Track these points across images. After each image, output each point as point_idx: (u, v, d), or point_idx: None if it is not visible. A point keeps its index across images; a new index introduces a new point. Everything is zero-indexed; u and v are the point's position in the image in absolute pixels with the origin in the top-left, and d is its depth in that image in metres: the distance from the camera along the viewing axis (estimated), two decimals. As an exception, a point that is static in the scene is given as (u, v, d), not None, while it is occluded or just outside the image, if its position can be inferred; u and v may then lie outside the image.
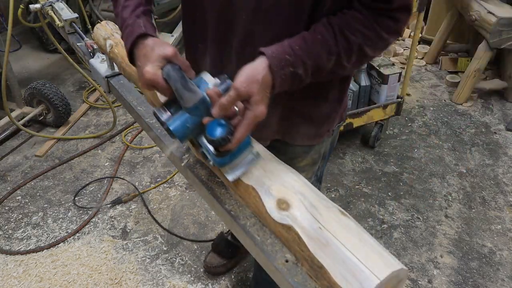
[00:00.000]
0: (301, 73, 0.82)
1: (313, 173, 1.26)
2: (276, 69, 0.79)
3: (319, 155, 1.23)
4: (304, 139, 1.13)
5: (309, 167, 1.23)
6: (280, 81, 0.80)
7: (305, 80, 0.85)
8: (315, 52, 0.82)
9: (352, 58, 0.86)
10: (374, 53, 0.89)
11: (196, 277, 1.91)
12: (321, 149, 1.22)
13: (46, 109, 2.80)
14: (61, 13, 1.80)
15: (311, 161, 1.22)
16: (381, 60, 2.57)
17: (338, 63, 0.85)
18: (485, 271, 1.95)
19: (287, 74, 0.80)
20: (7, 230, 2.13)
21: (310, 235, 0.65)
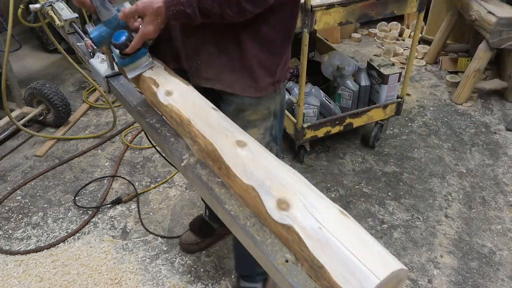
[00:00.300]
0: (189, 12, 1.07)
1: (265, 129, 1.38)
2: (169, 5, 1.05)
3: (268, 111, 1.36)
4: (245, 89, 1.28)
5: (260, 122, 1.36)
6: (172, 15, 1.06)
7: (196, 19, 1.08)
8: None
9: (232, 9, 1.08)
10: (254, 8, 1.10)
11: (196, 277, 1.91)
12: (270, 106, 1.35)
13: (46, 109, 2.80)
14: (61, 13, 1.79)
15: (260, 116, 1.35)
16: (381, 60, 2.57)
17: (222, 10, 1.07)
18: (485, 271, 1.95)
19: (178, 10, 1.06)
20: (7, 230, 2.14)
21: (310, 235, 0.65)
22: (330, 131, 2.46)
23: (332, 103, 2.51)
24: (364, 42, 4.06)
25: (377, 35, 4.06)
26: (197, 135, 0.91)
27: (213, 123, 0.92)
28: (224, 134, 0.89)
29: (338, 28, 3.90)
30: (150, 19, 1.06)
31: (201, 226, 2.02)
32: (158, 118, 1.13)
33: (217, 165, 0.85)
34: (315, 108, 2.40)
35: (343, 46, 3.94)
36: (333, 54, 2.80)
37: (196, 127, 0.92)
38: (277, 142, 1.48)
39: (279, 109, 1.41)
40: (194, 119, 0.94)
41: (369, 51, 3.87)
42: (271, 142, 1.43)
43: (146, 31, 1.06)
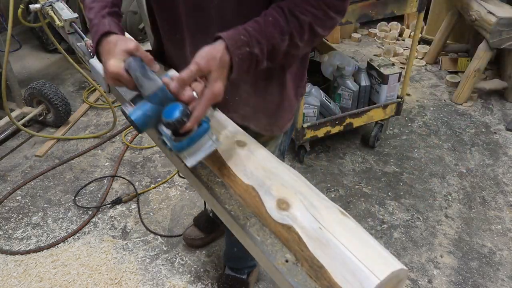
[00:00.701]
0: (257, 53, 0.86)
1: (276, 147, 1.33)
2: (233, 49, 0.82)
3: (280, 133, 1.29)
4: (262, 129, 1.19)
5: (272, 142, 1.30)
6: (238, 60, 0.83)
7: (262, 61, 0.88)
8: (268, 32, 0.86)
9: (304, 37, 0.91)
10: (324, 31, 0.94)
11: (196, 277, 1.91)
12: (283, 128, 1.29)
13: (46, 109, 2.81)
14: (61, 13, 1.80)
15: (273, 137, 1.29)
16: (381, 60, 2.57)
17: (291, 42, 0.90)
18: (485, 271, 1.95)
19: (244, 53, 0.84)
20: (7, 230, 2.14)
21: (310, 235, 0.65)
22: (330, 131, 2.46)
23: (332, 103, 2.51)
24: (364, 42, 4.06)
25: (377, 35, 4.06)
26: (197, 135, 0.91)
27: (213, 123, 0.92)
28: (224, 134, 0.89)
29: (338, 28, 3.90)
30: (217, 75, 0.81)
31: (205, 221, 2.04)
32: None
33: (217, 165, 0.85)
34: (315, 108, 2.40)
35: (343, 46, 3.94)
36: (333, 54, 2.80)
37: (196, 127, 0.92)
38: (284, 155, 1.45)
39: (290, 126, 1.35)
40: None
41: (369, 51, 3.87)
42: (279, 157, 1.38)
43: (216, 90, 0.80)
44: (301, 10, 0.88)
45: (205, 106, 0.79)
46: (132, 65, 0.83)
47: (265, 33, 0.86)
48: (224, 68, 0.82)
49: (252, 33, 0.85)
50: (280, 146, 1.37)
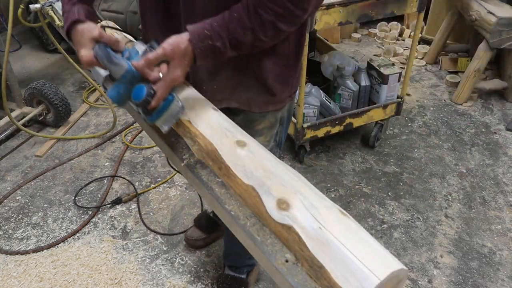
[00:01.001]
0: (219, 46, 0.95)
1: (271, 137, 1.37)
2: (195, 42, 0.93)
3: (275, 119, 1.33)
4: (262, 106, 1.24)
5: (267, 130, 1.34)
6: (200, 52, 0.94)
7: (225, 53, 0.97)
8: (231, 28, 0.94)
9: (267, 33, 0.97)
10: (289, 27, 1.00)
11: (196, 277, 1.91)
12: (278, 114, 1.32)
13: (46, 109, 2.81)
14: (61, 13, 1.80)
15: (268, 124, 1.32)
16: (381, 60, 2.57)
17: (255, 37, 0.97)
18: (485, 271, 1.95)
19: (206, 46, 0.94)
20: (7, 230, 2.14)
21: (310, 235, 0.65)
22: (330, 131, 2.46)
23: (332, 103, 2.51)
24: (364, 42, 4.06)
25: (377, 35, 4.06)
26: (197, 135, 0.91)
27: (213, 123, 0.92)
28: (224, 134, 0.89)
29: (338, 28, 3.90)
30: (178, 62, 0.93)
31: (206, 222, 2.04)
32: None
33: (217, 165, 0.85)
34: (315, 108, 2.40)
35: (343, 46, 3.94)
36: (333, 54, 2.80)
37: (196, 127, 0.92)
38: (280, 146, 1.48)
39: (286, 116, 1.39)
40: (194, 119, 0.94)
41: (369, 51, 3.87)
42: (275, 148, 1.44)
43: (175, 76, 0.92)
44: (265, 8, 0.93)
45: (165, 88, 0.91)
46: (98, 53, 0.93)
47: (228, 28, 0.94)
48: (185, 56, 0.93)
49: (216, 28, 0.94)
50: (275, 136, 1.39)
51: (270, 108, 1.27)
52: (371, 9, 2.12)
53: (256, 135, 1.33)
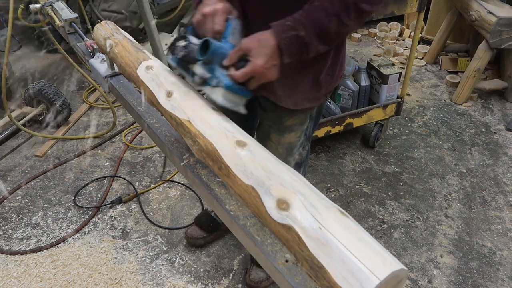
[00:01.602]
0: (303, 35, 0.96)
1: (302, 132, 1.41)
2: (278, 33, 0.95)
3: (305, 116, 1.37)
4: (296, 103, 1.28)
5: (297, 127, 1.38)
6: (285, 43, 0.96)
7: (311, 43, 0.98)
8: (314, 15, 0.96)
9: (351, 15, 0.98)
10: (372, 7, 1.00)
11: (196, 277, 1.91)
12: (308, 111, 1.36)
13: (46, 109, 2.81)
14: (61, 13, 1.80)
15: (298, 121, 1.36)
16: (381, 60, 2.57)
17: (339, 22, 0.97)
18: (485, 271, 1.95)
19: (291, 37, 0.95)
20: (7, 230, 2.14)
21: (310, 235, 0.65)
22: (330, 131, 2.46)
23: (332, 103, 2.51)
24: (364, 42, 4.06)
25: (377, 35, 4.06)
26: (197, 135, 0.91)
27: (213, 123, 0.92)
28: (224, 134, 0.89)
29: (338, 28, 3.90)
30: (256, 52, 0.96)
31: (207, 221, 2.04)
32: (158, 118, 1.13)
33: (217, 165, 0.85)
34: (315, 108, 2.40)
35: (343, 46, 3.94)
36: (333, 54, 2.80)
37: (196, 127, 0.92)
38: (310, 140, 1.52)
39: (316, 111, 1.41)
40: (194, 119, 0.94)
41: (369, 51, 3.87)
42: (305, 141, 1.47)
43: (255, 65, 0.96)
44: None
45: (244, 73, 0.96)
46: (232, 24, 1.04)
47: (311, 17, 0.95)
48: (265, 47, 0.96)
49: (298, 19, 0.96)
50: (306, 131, 1.42)
51: (305, 105, 1.29)
52: (371, 9, 2.12)
53: (287, 131, 1.38)
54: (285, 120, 1.34)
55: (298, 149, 1.47)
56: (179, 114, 0.97)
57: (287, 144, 1.43)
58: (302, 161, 1.53)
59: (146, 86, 1.10)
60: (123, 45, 1.26)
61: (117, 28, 1.34)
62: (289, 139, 1.41)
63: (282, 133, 1.38)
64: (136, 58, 1.19)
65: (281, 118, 1.34)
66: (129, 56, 1.21)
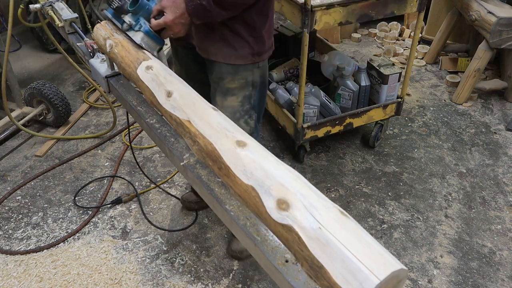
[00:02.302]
0: (204, 4, 1.26)
1: (244, 98, 1.57)
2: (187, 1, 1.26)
3: (245, 81, 1.54)
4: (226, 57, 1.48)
5: (238, 91, 1.55)
6: (191, 9, 1.27)
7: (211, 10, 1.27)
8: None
9: None
10: None
11: (196, 277, 1.91)
12: (247, 76, 1.53)
13: (46, 109, 2.81)
14: (61, 13, 1.80)
15: (238, 85, 1.54)
16: (381, 60, 2.57)
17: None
18: (485, 271, 1.95)
19: (195, 4, 1.26)
20: (7, 230, 2.14)
21: (310, 235, 0.65)
22: (330, 131, 2.46)
23: (332, 103, 2.51)
24: (364, 42, 4.06)
25: (377, 35, 4.06)
26: (197, 135, 0.91)
27: (213, 123, 0.92)
28: (224, 134, 0.89)
29: (338, 28, 3.90)
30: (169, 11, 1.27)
31: None
32: (158, 118, 1.13)
33: (217, 165, 0.85)
34: (315, 108, 2.40)
35: (343, 46, 3.94)
36: (333, 54, 2.80)
37: (196, 127, 0.92)
38: (256, 110, 1.65)
39: (259, 80, 1.58)
40: (194, 119, 0.94)
41: (369, 51, 3.87)
42: (250, 110, 1.62)
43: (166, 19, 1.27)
44: None
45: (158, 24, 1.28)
46: None
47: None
48: (176, 8, 1.26)
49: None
50: (249, 99, 1.59)
51: (233, 60, 1.48)
52: (371, 9, 2.12)
53: (228, 94, 1.56)
54: (226, 83, 1.53)
55: (243, 116, 1.61)
56: (179, 114, 0.97)
57: (229, 108, 1.58)
58: (250, 132, 1.65)
59: (146, 86, 1.10)
60: (123, 45, 1.26)
61: (116, 28, 1.34)
62: (231, 103, 1.57)
63: (225, 95, 1.56)
64: (136, 58, 1.19)
65: (223, 80, 1.53)
66: (129, 56, 1.21)
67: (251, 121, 1.65)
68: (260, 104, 1.67)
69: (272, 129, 2.83)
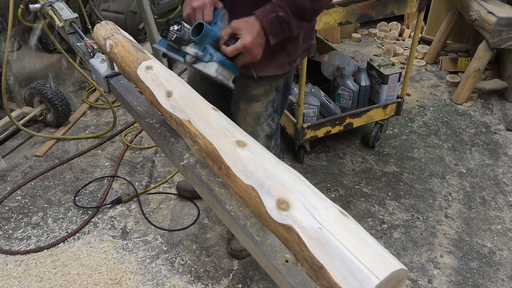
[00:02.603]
0: (282, 15, 1.15)
1: (268, 103, 1.55)
2: (260, 16, 1.15)
3: (270, 87, 1.51)
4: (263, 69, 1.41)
5: (263, 97, 1.52)
6: (268, 24, 1.15)
7: (290, 21, 1.17)
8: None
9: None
10: None
11: (196, 277, 1.91)
12: (273, 82, 1.51)
13: (46, 109, 2.81)
14: (61, 13, 1.80)
15: (263, 91, 1.50)
16: (381, 60, 2.57)
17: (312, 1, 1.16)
18: (485, 271, 1.95)
19: (271, 18, 1.15)
20: (7, 230, 2.14)
21: (310, 235, 0.65)
22: (330, 131, 2.46)
23: (332, 103, 2.51)
24: (364, 42, 4.06)
25: (377, 35, 4.06)
26: (197, 135, 0.91)
27: (213, 123, 0.92)
28: (224, 134, 0.89)
29: (338, 28, 3.91)
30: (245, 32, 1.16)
31: None
32: (158, 118, 1.13)
33: (217, 165, 0.85)
34: (315, 108, 2.40)
35: (343, 46, 3.94)
36: (333, 54, 2.80)
37: (196, 127, 0.92)
38: (279, 113, 1.64)
39: (282, 84, 1.56)
40: (194, 119, 0.94)
41: (369, 51, 3.87)
42: (273, 113, 1.60)
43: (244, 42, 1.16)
44: None
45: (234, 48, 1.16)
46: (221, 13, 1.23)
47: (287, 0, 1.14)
48: (252, 27, 1.15)
49: (276, 3, 1.15)
50: (273, 103, 1.56)
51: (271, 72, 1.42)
52: (371, 9, 2.13)
53: (253, 100, 1.53)
54: (251, 90, 1.49)
55: (266, 120, 1.60)
56: (179, 114, 0.97)
57: (254, 114, 1.56)
58: (272, 133, 1.65)
59: (146, 86, 1.10)
60: (123, 45, 1.26)
61: (117, 28, 1.34)
62: (256, 109, 1.55)
63: (249, 102, 1.53)
64: (136, 58, 1.19)
65: (248, 88, 1.48)
66: (129, 56, 1.21)
67: (273, 124, 1.63)
68: (282, 106, 1.64)
69: (272, 129, 2.83)
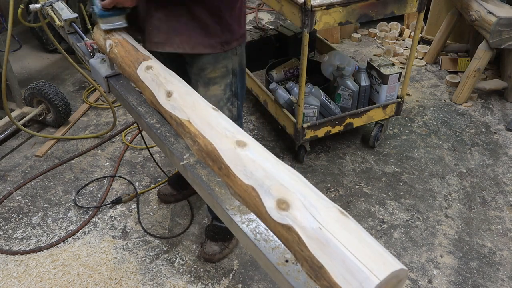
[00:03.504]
0: None
1: (226, 85, 1.61)
2: None
3: (226, 69, 1.57)
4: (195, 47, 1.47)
5: (220, 79, 1.58)
6: None
7: None
8: None
9: None
10: None
11: (196, 277, 1.91)
12: (227, 64, 1.56)
13: (46, 109, 2.81)
14: (61, 13, 1.80)
15: (219, 74, 1.56)
16: (381, 60, 2.57)
17: None
18: (485, 271, 1.95)
19: None
20: (7, 230, 2.14)
21: (310, 235, 0.65)
22: (330, 131, 2.46)
23: (332, 103, 2.51)
24: (364, 42, 4.06)
25: (377, 35, 4.06)
26: (197, 135, 0.91)
27: (213, 123, 0.92)
28: (224, 134, 0.89)
29: (338, 28, 3.90)
30: None
31: (177, 179, 2.23)
32: (158, 118, 1.13)
33: (217, 165, 0.85)
34: (315, 108, 2.40)
35: (343, 46, 3.94)
36: (333, 54, 2.80)
37: (196, 127, 0.92)
38: (238, 97, 1.69)
39: (238, 68, 1.61)
40: (194, 119, 0.94)
41: (369, 51, 3.87)
42: (232, 97, 1.66)
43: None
44: None
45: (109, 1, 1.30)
46: None
47: None
48: None
49: None
50: (231, 86, 1.62)
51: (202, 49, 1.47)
52: (371, 9, 2.12)
53: (211, 83, 1.58)
54: (207, 73, 1.54)
55: (226, 104, 1.65)
56: (179, 114, 0.97)
57: (213, 97, 1.61)
58: (234, 119, 1.69)
59: (146, 86, 1.10)
60: (123, 45, 1.26)
61: (117, 28, 1.34)
62: (214, 91, 1.60)
63: (207, 85, 1.59)
64: (136, 58, 1.19)
65: (204, 71, 1.54)
66: (129, 56, 1.21)
67: (233, 108, 1.69)
68: (241, 91, 1.71)
69: (272, 129, 2.83)
